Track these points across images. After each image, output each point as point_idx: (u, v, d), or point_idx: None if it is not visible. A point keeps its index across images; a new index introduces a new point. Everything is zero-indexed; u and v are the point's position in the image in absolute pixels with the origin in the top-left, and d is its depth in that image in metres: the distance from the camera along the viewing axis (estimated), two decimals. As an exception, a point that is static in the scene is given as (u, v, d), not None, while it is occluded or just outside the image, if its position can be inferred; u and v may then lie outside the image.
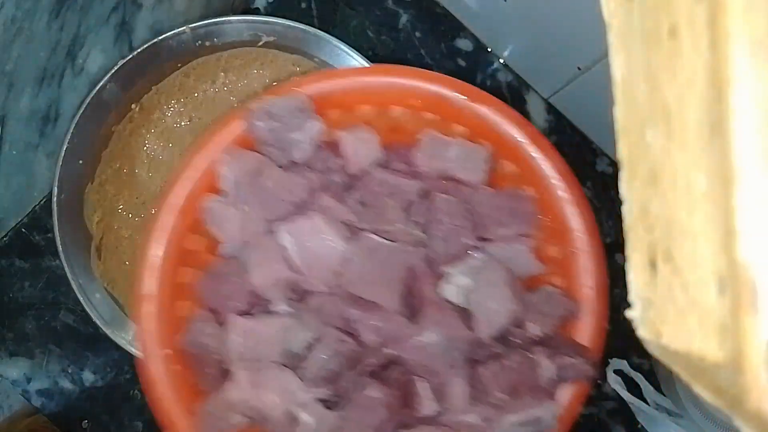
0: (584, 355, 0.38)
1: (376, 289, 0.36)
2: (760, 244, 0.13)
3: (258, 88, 0.54)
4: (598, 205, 0.65)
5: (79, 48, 0.46)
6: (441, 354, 0.36)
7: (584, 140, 0.66)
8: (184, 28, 0.49)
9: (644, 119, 0.18)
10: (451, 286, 0.38)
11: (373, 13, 0.63)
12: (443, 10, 0.64)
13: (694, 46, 0.15)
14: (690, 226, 0.16)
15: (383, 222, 0.37)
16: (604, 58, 0.51)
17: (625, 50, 0.18)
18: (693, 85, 0.15)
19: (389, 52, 0.63)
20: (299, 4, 0.61)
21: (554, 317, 0.38)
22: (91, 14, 0.44)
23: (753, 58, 0.13)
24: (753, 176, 0.13)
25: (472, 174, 0.40)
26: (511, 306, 0.37)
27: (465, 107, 0.40)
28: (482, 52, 0.65)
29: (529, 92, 0.65)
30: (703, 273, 0.15)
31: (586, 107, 0.62)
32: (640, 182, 0.18)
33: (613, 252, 0.65)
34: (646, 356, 0.64)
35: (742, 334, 0.14)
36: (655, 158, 0.17)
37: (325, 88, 0.41)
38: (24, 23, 0.39)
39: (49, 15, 0.41)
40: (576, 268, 0.40)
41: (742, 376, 0.14)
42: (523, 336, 0.38)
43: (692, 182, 0.15)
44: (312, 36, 0.50)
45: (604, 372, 0.62)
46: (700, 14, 0.14)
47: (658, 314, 0.18)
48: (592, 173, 0.66)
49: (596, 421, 0.63)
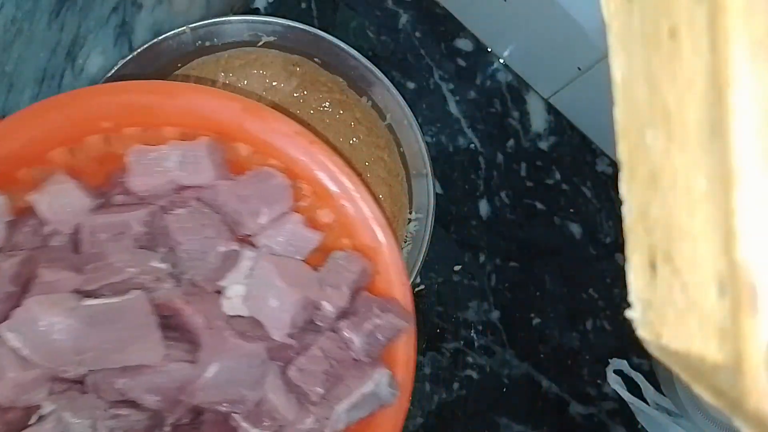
0: (392, 309, 0.36)
1: (129, 350, 0.32)
2: (760, 245, 0.13)
3: (258, 89, 0.54)
4: (598, 206, 0.65)
5: (79, 48, 0.46)
6: (238, 379, 0.33)
7: (584, 140, 0.66)
8: (184, 28, 0.49)
9: (644, 120, 0.18)
10: (229, 300, 0.35)
11: (373, 14, 0.63)
12: (443, 11, 0.64)
13: (694, 47, 0.15)
14: (690, 227, 0.16)
15: (113, 274, 0.33)
16: (604, 59, 0.51)
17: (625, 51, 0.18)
18: (693, 86, 0.15)
19: (389, 53, 0.63)
20: (299, 4, 0.61)
21: (351, 282, 0.35)
22: (91, 15, 0.44)
23: (753, 59, 0.13)
24: (753, 177, 0.13)
25: (200, 175, 0.35)
26: (292, 297, 0.33)
27: (163, 107, 0.35)
28: (482, 52, 0.65)
29: (529, 92, 0.65)
30: (703, 274, 0.15)
31: (586, 108, 0.62)
32: (640, 183, 0.18)
33: (613, 252, 0.66)
34: (646, 356, 0.64)
35: (742, 336, 0.14)
36: (655, 159, 0.17)
37: (1, 149, 0.35)
38: (24, 24, 0.39)
39: (49, 16, 0.41)
40: (353, 222, 0.37)
41: (742, 377, 0.14)
42: (324, 317, 0.35)
43: (692, 183, 0.15)
44: (312, 36, 0.50)
45: (604, 372, 0.62)
46: (700, 15, 0.14)
47: (658, 315, 0.18)
48: (592, 173, 0.66)
49: (596, 421, 0.63)
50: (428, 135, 0.63)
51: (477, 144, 0.64)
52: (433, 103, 0.63)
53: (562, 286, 0.64)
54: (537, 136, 0.65)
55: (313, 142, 0.37)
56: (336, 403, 0.34)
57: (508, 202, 0.64)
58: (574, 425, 0.63)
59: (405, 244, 0.55)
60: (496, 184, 0.64)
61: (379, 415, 0.36)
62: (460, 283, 0.62)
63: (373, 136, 0.56)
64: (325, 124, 0.55)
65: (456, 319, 0.62)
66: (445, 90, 0.64)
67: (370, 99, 0.54)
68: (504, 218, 0.64)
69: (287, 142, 0.36)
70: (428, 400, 0.61)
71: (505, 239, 0.63)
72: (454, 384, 0.61)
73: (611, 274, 0.65)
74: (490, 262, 0.63)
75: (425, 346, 0.61)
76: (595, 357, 0.64)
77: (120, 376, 0.32)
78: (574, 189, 0.65)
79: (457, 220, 0.63)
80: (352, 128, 0.56)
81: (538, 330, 0.63)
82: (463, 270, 0.63)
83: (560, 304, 0.64)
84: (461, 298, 0.62)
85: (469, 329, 0.62)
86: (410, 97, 0.62)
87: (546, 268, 0.64)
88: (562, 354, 0.63)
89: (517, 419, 0.62)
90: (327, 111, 0.55)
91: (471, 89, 0.64)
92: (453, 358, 0.62)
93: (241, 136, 0.36)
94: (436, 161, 0.63)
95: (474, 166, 0.64)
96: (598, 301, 0.65)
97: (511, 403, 0.62)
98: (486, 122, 0.64)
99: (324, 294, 0.35)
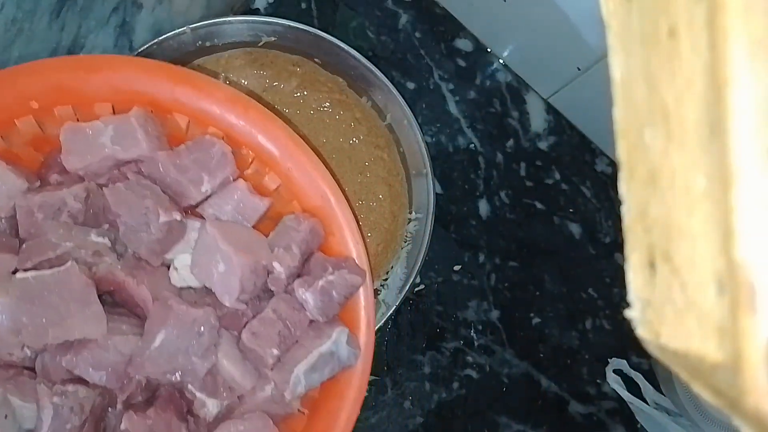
0: (346, 266, 0.35)
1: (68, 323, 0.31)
2: (759, 244, 0.13)
3: (258, 89, 0.54)
4: (597, 205, 0.65)
5: (79, 49, 0.46)
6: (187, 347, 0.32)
7: (584, 140, 0.66)
8: (185, 28, 0.49)
9: (643, 120, 0.18)
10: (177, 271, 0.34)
11: (373, 14, 0.63)
12: (443, 11, 0.64)
13: (693, 47, 0.15)
14: (689, 226, 0.16)
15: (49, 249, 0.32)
16: (604, 59, 0.51)
17: (625, 51, 0.18)
18: (692, 86, 0.15)
19: (389, 53, 0.63)
20: (299, 4, 0.61)
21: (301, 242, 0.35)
22: (91, 15, 0.44)
23: (752, 58, 0.13)
24: (752, 176, 0.13)
25: (135, 148, 0.34)
26: (240, 260, 0.32)
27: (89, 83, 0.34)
28: (482, 52, 0.65)
29: (528, 92, 0.65)
30: (701, 273, 0.15)
31: (585, 107, 0.62)
32: (639, 183, 0.18)
33: (613, 252, 0.66)
34: (646, 356, 0.64)
35: (741, 335, 0.14)
36: (654, 159, 0.17)
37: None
38: (24, 24, 0.39)
39: (50, 16, 0.41)
40: (299, 184, 0.36)
41: (741, 376, 0.14)
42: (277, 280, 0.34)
43: (691, 183, 0.15)
44: (312, 36, 0.50)
45: (604, 371, 0.62)
46: (699, 14, 0.14)
47: (657, 314, 0.18)
48: (592, 173, 0.66)
49: (596, 421, 0.63)
50: (428, 135, 0.63)
51: (477, 144, 0.64)
52: (433, 102, 0.63)
53: (561, 286, 0.64)
54: (536, 136, 0.65)
55: (250, 106, 0.36)
56: (294, 366, 0.33)
57: (508, 202, 0.64)
58: (574, 424, 0.63)
59: (405, 243, 0.55)
60: (496, 184, 0.64)
61: (342, 378, 0.35)
62: (459, 282, 0.62)
63: (373, 136, 0.56)
64: (325, 124, 0.55)
65: (456, 318, 0.62)
66: (445, 90, 0.64)
67: (370, 99, 0.54)
68: (503, 218, 0.64)
69: (223, 108, 0.35)
70: (428, 399, 0.61)
71: (505, 239, 0.63)
72: (453, 383, 0.61)
73: (610, 274, 0.65)
74: (489, 262, 0.63)
75: (425, 345, 0.61)
76: (594, 356, 0.64)
77: (64, 353, 0.32)
78: (574, 189, 0.65)
79: (457, 219, 0.63)
80: (352, 128, 0.56)
81: (538, 329, 0.63)
82: (463, 269, 0.63)
83: (560, 303, 0.64)
84: (461, 297, 0.62)
85: (468, 329, 0.62)
86: (410, 97, 0.62)
87: (545, 268, 0.64)
88: (562, 353, 0.63)
89: (517, 418, 0.62)
90: (327, 111, 0.55)
91: (471, 89, 0.64)
92: (453, 358, 0.62)
93: (175, 107, 0.35)
94: (436, 161, 0.63)
95: (474, 165, 0.64)
96: (597, 300, 0.65)
97: (510, 402, 0.62)
98: (486, 122, 0.64)
99: (274, 256, 0.34)
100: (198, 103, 0.35)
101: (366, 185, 0.56)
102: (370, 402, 0.60)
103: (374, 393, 0.60)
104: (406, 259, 0.54)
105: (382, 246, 0.56)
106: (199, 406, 0.33)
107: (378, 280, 0.55)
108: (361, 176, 0.56)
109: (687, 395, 0.56)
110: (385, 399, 0.60)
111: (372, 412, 0.60)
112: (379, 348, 0.61)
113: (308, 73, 0.54)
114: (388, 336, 0.61)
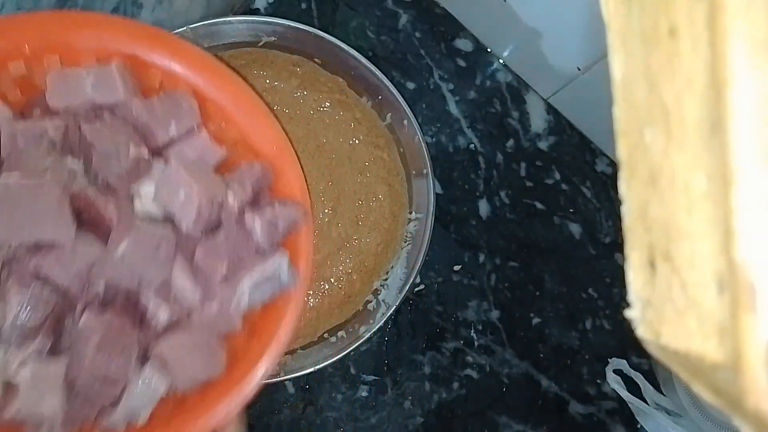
0: (291, 204, 0.40)
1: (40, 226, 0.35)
2: (759, 244, 0.13)
3: (258, 89, 0.54)
4: (597, 205, 0.65)
5: (79, 48, 0.46)
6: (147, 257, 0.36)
7: (584, 140, 0.66)
8: (185, 28, 0.49)
9: (643, 119, 0.18)
10: (140, 200, 0.38)
11: (373, 14, 0.63)
12: (443, 11, 0.64)
13: (694, 46, 0.15)
14: (689, 226, 0.16)
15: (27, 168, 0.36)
16: (604, 59, 0.51)
17: (625, 50, 0.18)
18: (692, 85, 0.15)
19: (389, 53, 0.63)
20: (299, 4, 0.61)
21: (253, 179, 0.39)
22: (91, 14, 0.44)
23: (752, 58, 0.13)
24: (752, 176, 0.13)
25: (113, 93, 0.39)
26: (198, 188, 0.37)
27: (78, 38, 0.39)
28: (482, 52, 0.65)
29: (528, 92, 0.65)
30: (702, 273, 0.15)
31: (585, 107, 0.62)
32: (639, 182, 0.18)
33: (613, 251, 0.66)
34: (646, 356, 0.64)
35: (741, 334, 0.14)
36: (654, 158, 0.17)
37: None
38: (24, 23, 0.39)
39: (49, 15, 0.41)
40: (251, 133, 0.41)
41: (741, 376, 0.14)
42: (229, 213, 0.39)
43: (691, 182, 0.15)
44: (312, 36, 0.50)
45: (604, 371, 0.62)
46: (699, 14, 0.14)
47: (657, 314, 0.18)
48: (592, 173, 0.66)
49: (596, 421, 0.63)
50: (428, 135, 0.63)
51: (477, 144, 0.64)
52: (433, 102, 0.63)
53: (561, 286, 0.64)
54: (536, 136, 0.65)
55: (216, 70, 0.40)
56: (239, 281, 0.37)
57: (508, 202, 0.64)
58: (574, 424, 0.63)
59: (405, 243, 0.55)
60: (496, 184, 0.64)
61: (280, 301, 0.39)
62: (459, 282, 0.62)
63: (373, 136, 0.56)
64: (325, 124, 0.55)
65: (456, 318, 0.62)
66: (445, 90, 0.64)
67: (370, 99, 0.54)
68: (504, 218, 0.64)
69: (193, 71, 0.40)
70: (428, 399, 0.61)
71: (505, 239, 0.64)
72: (453, 383, 0.61)
73: (611, 274, 0.65)
74: (489, 262, 0.63)
75: (425, 345, 0.61)
76: (594, 356, 0.64)
77: (32, 255, 0.35)
78: (574, 189, 0.65)
79: (457, 219, 0.63)
80: (352, 128, 0.56)
81: (538, 329, 0.63)
82: (463, 269, 0.63)
83: (560, 303, 0.64)
84: (461, 297, 0.62)
85: (468, 329, 0.62)
86: (410, 97, 0.62)
87: (545, 268, 0.64)
88: (562, 353, 0.63)
89: (517, 418, 0.62)
90: (327, 111, 0.55)
91: (471, 89, 0.64)
92: (453, 358, 0.62)
93: (150, 64, 0.40)
94: (436, 161, 0.63)
95: (474, 165, 0.64)
96: (597, 300, 0.65)
97: (510, 402, 0.62)
98: (486, 122, 0.64)
99: (229, 189, 0.39)
100: (171, 66, 0.40)
101: (366, 185, 0.56)
102: (370, 402, 0.60)
103: (374, 393, 0.60)
104: (406, 259, 0.54)
105: (382, 246, 0.56)
106: (151, 315, 0.37)
107: (378, 280, 0.55)
108: (361, 176, 0.56)
109: (687, 395, 0.56)
110: (385, 399, 0.60)
111: (372, 412, 0.60)
112: (379, 348, 0.61)
113: (308, 73, 0.54)
114: (388, 336, 0.61)
